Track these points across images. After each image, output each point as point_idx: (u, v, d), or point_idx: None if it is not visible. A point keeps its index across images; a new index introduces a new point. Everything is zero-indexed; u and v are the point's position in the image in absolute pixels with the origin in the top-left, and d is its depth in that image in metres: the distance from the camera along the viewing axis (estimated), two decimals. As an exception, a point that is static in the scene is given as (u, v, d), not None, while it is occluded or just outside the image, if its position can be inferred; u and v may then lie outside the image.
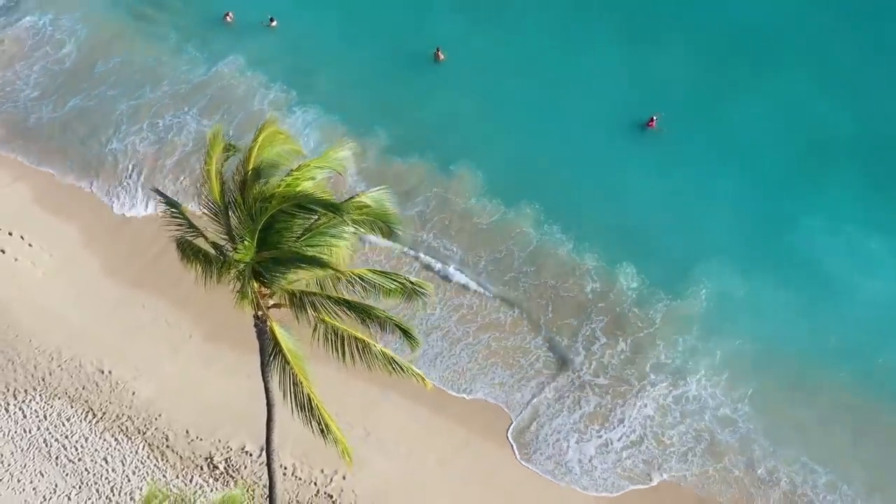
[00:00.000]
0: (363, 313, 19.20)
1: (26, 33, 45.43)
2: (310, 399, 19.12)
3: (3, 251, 35.33)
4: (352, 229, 19.17)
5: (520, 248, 35.83)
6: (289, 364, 19.24)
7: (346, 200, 19.59)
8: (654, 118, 39.12)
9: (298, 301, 19.61)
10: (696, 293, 34.01)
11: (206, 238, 20.49)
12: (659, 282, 34.38)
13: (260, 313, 20.13)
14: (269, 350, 19.99)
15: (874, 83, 40.78)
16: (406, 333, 19.37)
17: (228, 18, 45.60)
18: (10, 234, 35.91)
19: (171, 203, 21.08)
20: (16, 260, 35.18)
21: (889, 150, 38.25)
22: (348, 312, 19.24)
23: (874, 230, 35.71)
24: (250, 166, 19.47)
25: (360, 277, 19.40)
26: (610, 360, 32.47)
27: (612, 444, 30.62)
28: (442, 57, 42.62)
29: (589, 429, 31.01)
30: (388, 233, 19.98)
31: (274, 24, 45.05)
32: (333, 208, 18.31)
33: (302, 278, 19.92)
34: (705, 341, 32.78)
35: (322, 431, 19.41)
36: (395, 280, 19.52)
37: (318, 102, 41.36)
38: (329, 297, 19.15)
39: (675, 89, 40.84)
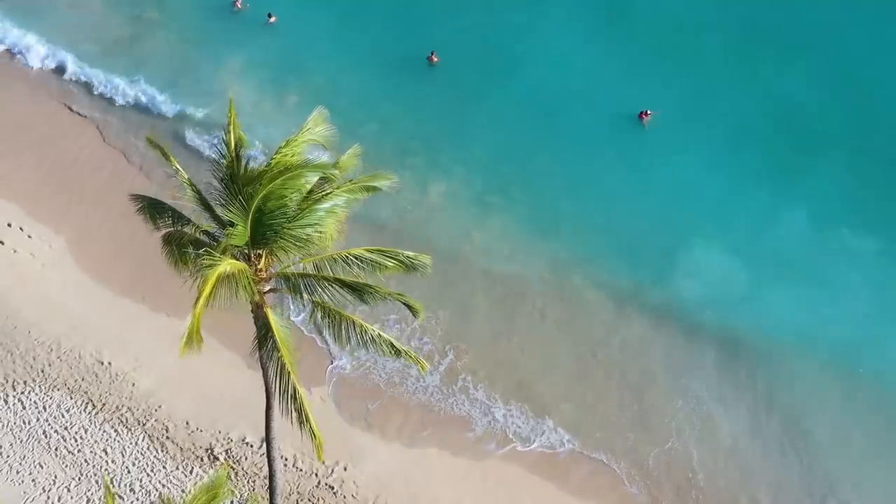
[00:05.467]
0: (362, 291, 18.95)
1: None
2: (294, 389, 18.98)
3: (2, 242, 35.10)
4: (344, 198, 18.88)
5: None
6: (278, 351, 19.05)
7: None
8: (648, 113, 39.55)
9: (294, 285, 19.34)
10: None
11: (197, 226, 20.24)
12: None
13: (256, 299, 19.84)
14: (263, 335, 19.73)
15: (866, 75, 40.96)
16: (409, 307, 19.38)
17: (238, 5, 45.37)
18: (10, 224, 35.71)
19: (151, 202, 20.96)
20: (14, 251, 34.94)
21: (875, 143, 38.41)
22: (345, 293, 18.99)
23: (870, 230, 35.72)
24: (232, 146, 19.22)
25: (357, 258, 19.17)
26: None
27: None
28: (435, 60, 42.59)
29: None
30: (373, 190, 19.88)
31: (272, 20, 45.00)
32: (329, 168, 18.50)
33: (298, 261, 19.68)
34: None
35: (301, 422, 19.28)
36: (392, 258, 19.27)
37: (312, 103, 40.63)
38: (325, 279, 18.86)
39: (667, 85, 41.07)
